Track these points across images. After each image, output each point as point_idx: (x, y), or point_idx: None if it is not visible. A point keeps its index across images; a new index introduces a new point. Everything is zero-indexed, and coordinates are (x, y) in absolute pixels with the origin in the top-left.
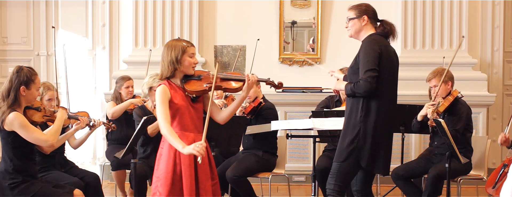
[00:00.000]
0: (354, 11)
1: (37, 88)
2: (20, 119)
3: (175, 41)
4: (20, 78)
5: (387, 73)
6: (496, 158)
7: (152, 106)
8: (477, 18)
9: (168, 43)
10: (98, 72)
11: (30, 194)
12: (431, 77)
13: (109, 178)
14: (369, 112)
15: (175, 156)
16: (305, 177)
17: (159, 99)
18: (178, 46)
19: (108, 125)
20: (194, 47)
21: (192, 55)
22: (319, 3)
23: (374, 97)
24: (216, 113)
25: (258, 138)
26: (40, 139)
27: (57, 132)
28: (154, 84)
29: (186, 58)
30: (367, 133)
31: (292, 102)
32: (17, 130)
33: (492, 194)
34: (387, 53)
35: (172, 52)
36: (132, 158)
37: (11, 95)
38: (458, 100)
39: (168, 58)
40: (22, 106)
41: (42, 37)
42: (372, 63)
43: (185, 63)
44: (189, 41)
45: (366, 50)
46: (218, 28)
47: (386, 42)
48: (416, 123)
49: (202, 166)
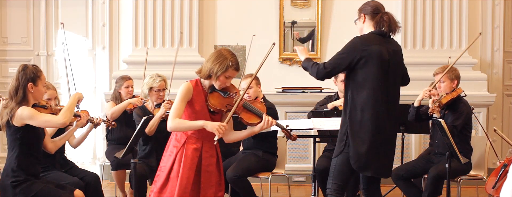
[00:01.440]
0: (357, 12)
1: (43, 85)
2: (28, 109)
3: (228, 54)
4: (27, 75)
5: (374, 74)
6: (496, 158)
7: (152, 106)
8: (477, 18)
9: (222, 52)
10: (98, 72)
11: (31, 193)
12: (439, 71)
13: (109, 178)
14: (354, 110)
15: (176, 156)
16: (305, 177)
17: (179, 95)
18: (224, 63)
19: (108, 123)
20: (236, 72)
21: (229, 77)
22: (319, 3)
23: (357, 96)
24: (227, 131)
25: (258, 138)
26: (52, 121)
27: (69, 110)
28: (154, 85)
29: (222, 77)
30: (353, 131)
31: (292, 102)
32: (27, 121)
33: (492, 194)
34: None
35: (217, 64)
36: (132, 158)
37: (19, 93)
38: (460, 98)
39: (210, 66)
40: (30, 103)
41: (42, 37)
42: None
43: (220, 79)
44: (238, 64)
45: (344, 49)
46: (218, 28)
47: (375, 41)
48: (412, 109)
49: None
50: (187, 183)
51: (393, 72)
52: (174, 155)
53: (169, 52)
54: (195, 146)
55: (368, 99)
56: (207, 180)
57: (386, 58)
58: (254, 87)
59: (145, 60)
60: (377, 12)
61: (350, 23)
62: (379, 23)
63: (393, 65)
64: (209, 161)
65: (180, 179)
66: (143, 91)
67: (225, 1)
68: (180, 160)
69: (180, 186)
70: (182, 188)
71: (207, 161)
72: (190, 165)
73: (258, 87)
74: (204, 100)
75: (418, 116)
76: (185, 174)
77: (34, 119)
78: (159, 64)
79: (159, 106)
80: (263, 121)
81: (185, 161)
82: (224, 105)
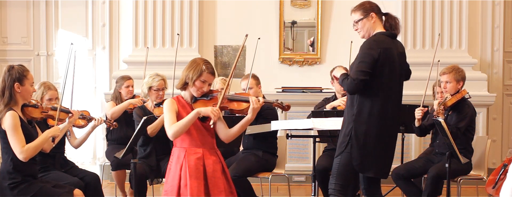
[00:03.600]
0: (360, 11)
1: (31, 84)
2: (12, 120)
3: (201, 61)
4: (13, 75)
5: (386, 77)
6: (496, 158)
7: (152, 106)
8: (477, 18)
9: (195, 59)
10: (98, 72)
11: (30, 194)
12: (446, 72)
13: (109, 178)
14: (361, 112)
15: (180, 169)
16: (305, 177)
17: (166, 108)
18: (198, 67)
19: (109, 123)
20: (212, 76)
21: (204, 81)
22: (319, 3)
23: (367, 98)
24: (222, 131)
25: (258, 138)
26: (17, 147)
27: (36, 148)
28: (153, 84)
29: (198, 81)
30: (358, 132)
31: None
32: (5, 128)
33: (492, 194)
34: (386, 56)
35: (191, 70)
36: (132, 158)
37: (6, 94)
38: (465, 99)
39: (185, 73)
40: (19, 103)
41: (42, 37)
42: (365, 66)
43: (196, 84)
44: (212, 68)
45: (363, 51)
46: (218, 28)
47: (388, 44)
48: (416, 129)
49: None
50: (198, 193)
51: (399, 74)
52: (178, 171)
53: (169, 52)
54: (196, 155)
55: (377, 101)
56: (215, 186)
57: (396, 60)
58: (254, 88)
59: (145, 60)
60: (381, 10)
61: (350, 23)
62: (390, 22)
63: (400, 68)
64: (214, 167)
65: (190, 190)
66: (143, 91)
67: (225, 1)
68: (185, 173)
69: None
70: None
71: (211, 168)
72: (196, 175)
73: (258, 88)
74: (191, 110)
75: (423, 132)
76: (194, 184)
77: (9, 132)
78: (159, 64)
79: (158, 105)
80: (251, 102)
81: (190, 172)
82: (210, 106)
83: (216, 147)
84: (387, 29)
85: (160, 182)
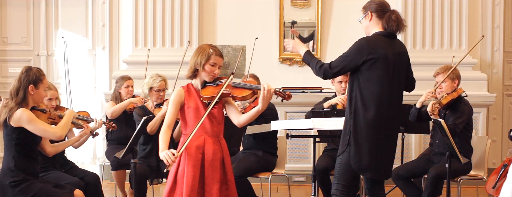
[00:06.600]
0: (362, 10)
1: (44, 89)
2: (27, 114)
3: (206, 46)
4: (29, 77)
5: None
6: (496, 158)
7: (153, 106)
8: (477, 18)
9: (201, 45)
10: (98, 72)
11: (31, 193)
12: (440, 72)
13: (109, 178)
14: (357, 112)
15: (180, 157)
16: (305, 177)
17: (171, 101)
18: (205, 52)
19: (109, 125)
20: (221, 58)
21: (214, 64)
22: (319, 3)
23: (362, 98)
24: (235, 116)
25: (258, 138)
26: (48, 131)
27: (66, 125)
28: (154, 85)
29: (207, 65)
30: (355, 132)
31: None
32: (25, 125)
33: (492, 194)
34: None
35: (199, 56)
36: (132, 158)
37: (20, 94)
38: (461, 98)
39: (193, 60)
40: (29, 105)
41: (42, 37)
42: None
43: (205, 68)
44: (219, 51)
45: (351, 50)
46: (218, 28)
47: (382, 45)
48: (414, 110)
49: (210, 169)
50: (194, 181)
51: (397, 74)
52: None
53: (169, 52)
54: (197, 143)
55: (373, 100)
56: (211, 176)
57: (391, 61)
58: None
59: (146, 61)
60: (384, 10)
61: (350, 23)
62: (387, 22)
63: (397, 68)
64: (213, 156)
65: (187, 178)
66: (143, 91)
67: (225, 1)
68: (184, 160)
69: (187, 185)
70: (189, 186)
71: (210, 157)
72: (194, 163)
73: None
74: (198, 97)
75: (419, 117)
76: (190, 172)
77: (32, 124)
78: (159, 64)
79: (159, 105)
80: (262, 89)
81: (188, 159)
82: (216, 91)
83: (221, 136)
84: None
85: (160, 182)
